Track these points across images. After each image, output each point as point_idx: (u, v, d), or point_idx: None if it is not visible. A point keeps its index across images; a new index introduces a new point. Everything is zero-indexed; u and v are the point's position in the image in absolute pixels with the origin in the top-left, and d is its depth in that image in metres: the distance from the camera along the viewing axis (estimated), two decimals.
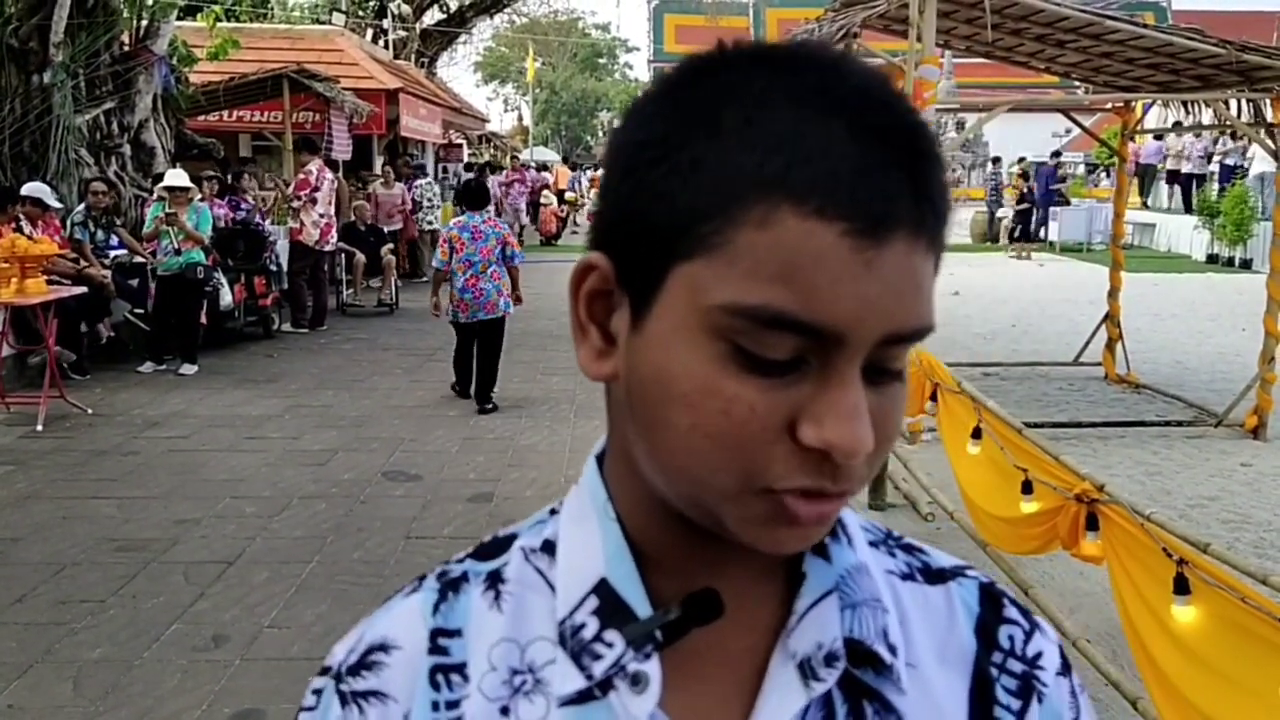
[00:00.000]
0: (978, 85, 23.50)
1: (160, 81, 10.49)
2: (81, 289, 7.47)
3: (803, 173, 0.48)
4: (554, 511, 0.64)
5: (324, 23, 20.27)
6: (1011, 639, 0.63)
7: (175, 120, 11.09)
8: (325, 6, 24.34)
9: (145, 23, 10.48)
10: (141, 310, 8.66)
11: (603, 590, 0.57)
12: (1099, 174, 26.13)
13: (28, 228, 7.57)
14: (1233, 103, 6.76)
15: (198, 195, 8.73)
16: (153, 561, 4.38)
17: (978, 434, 3.72)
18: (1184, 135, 18.07)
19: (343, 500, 5.22)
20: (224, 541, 4.62)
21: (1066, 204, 20.49)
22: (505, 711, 0.57)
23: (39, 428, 6.39)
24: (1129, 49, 6.65)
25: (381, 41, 21.00)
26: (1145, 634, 2.45)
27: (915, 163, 0.50)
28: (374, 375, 8.32)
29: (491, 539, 0.65)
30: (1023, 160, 22.01)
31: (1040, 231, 20.15)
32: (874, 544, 0.65)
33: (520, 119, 48.73)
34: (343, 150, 12.82)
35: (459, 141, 21.61)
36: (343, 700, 0.60)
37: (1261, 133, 6.68)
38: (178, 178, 8.40)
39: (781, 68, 0.51)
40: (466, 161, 21.29)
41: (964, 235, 21.59)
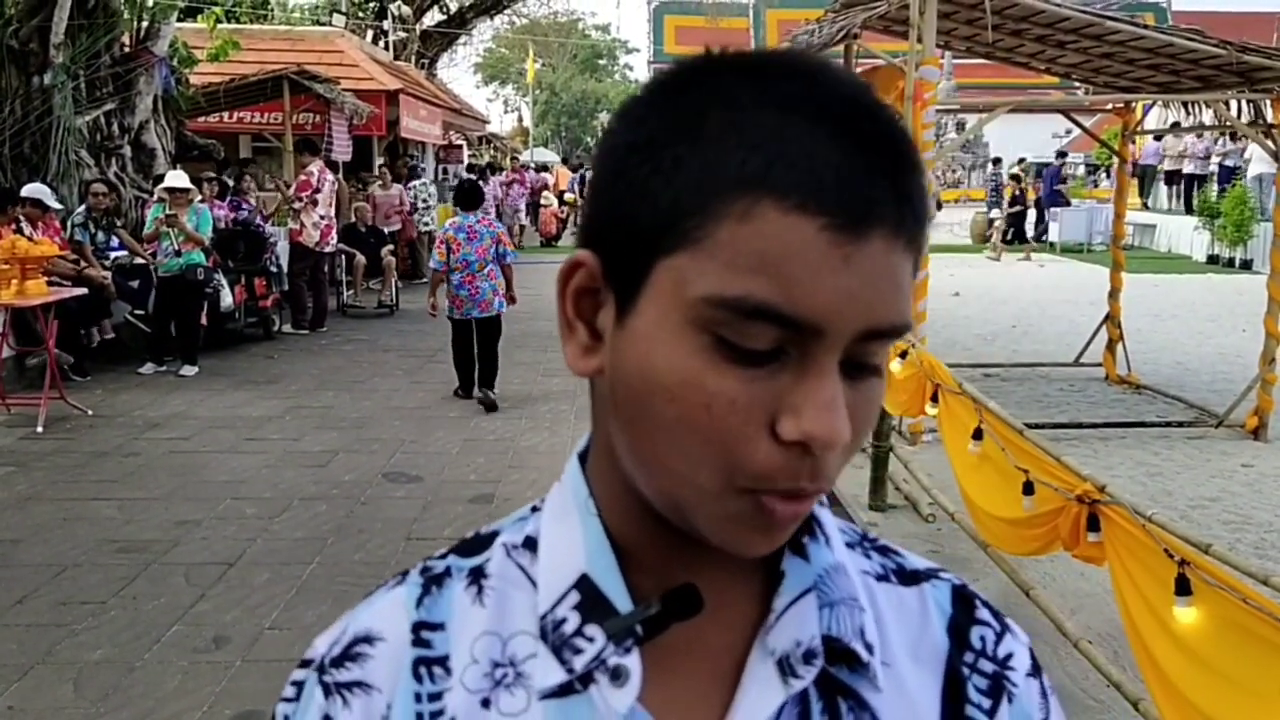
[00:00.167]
0: (978, 86, 23.52)
1: (161, 83, 10.50)
2: (82, 290, 7.47)
3: (785, 171, 0.49)
4: (535, 509, 0.65)
5: (324, 24, 20.29)
6: (983, 639, 0.64)
7: (176, 121, 11.10)
8: (325, 8, 24.37)
9: (146, 24, 10.49)
10: (142, 312, 8.66)
11: (584, 585, 0.58)
12: (1099, 174, 26.14)
13: (28, 229, 7.58)
14: (1233, 103, 6.76)
15: (198, 197, 8.73)
16: (153, 563, 4.38)
17: (979, 435, 3.71)
18: (1186, 136, 18.07)
19: (343, 501, 5.22)
20: (225, 543, 4.62)
21: (1068, 204, 20.49)
22: (486, 704, 0.58)
23: (39, 429, 6.40)
24: (1129, 50, 6.65)
25: (382, 43, 21.01)
26: (1147, 635, 2.45)
27: (897, 168, 0.51)
28: (374, 376, 8.33)
29: (474, 535, 0.66)
30: (1023, 161, 22.01)
31: (1044, 232, 20.18)
32: (850, 545, 0.66)
33: (520, 120, 48.77)
34: (343, 151, 12.82)
35: (459, 143, 21.61)
36: (326, 691, 0.61)
37: (1262, 134, 6.69)
38: (178, 179, 8.40)
39: (768, 74, 0.52)
40: (468, 163, 21.31)
41: (964, 236, 21.60)
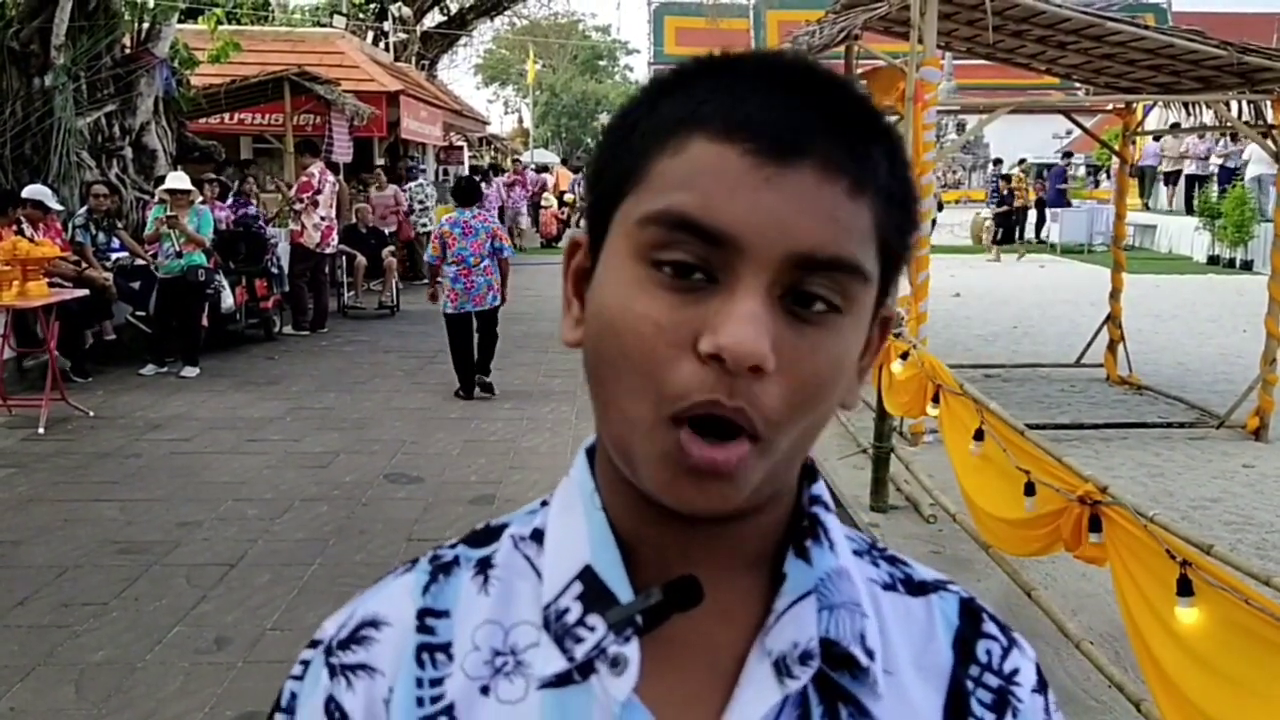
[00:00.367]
0: (978, 87, 23.48)
1: (161, 84, 10.50)
2: (83, 291, 7.47)
3: (714, 110, 0.54)
4: (545, 503, 0.66)
5: (325, 25, 20.28)
6: (989, 653, 0.64)
7: (176, 123, 11.10)
8: (326, 9, 24.37)
9: (147, 25, 10.50)
10: (143, 313, 8.66)
11: (587, 576, 0.59)
12: (1099, 175, 26.13)
13: (29, 230, 7.58)
14: (1233, 104, 6.76)
15: (199, 198, 8.74)
16: (155, 564, 4.38)
17: (980, 435, 3.71)
18: (1187, 137, 18.06)
19: (344, 502, 5.22)
20: (226, 544, 4.62)
21: (1069, 205, 20.49)
22: (485, 690, 0.59)
23: (40, 430, 6.39)
24: (1130, 51, 6.65)
25: (382, 44, 21.01)
26: (1149, 635, 2.45)
27: (834, 112, 0.54)
28: (375, 377, 8.33)
29: (484, 527, 0.67)
30: (1023, 162, 22.00)
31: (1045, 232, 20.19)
32: (858, 553, 0.66)
33: (521, 121, 48.72)
34: (343, 153, 12.83)
35: (459, 144, 21.62)
36: (331, 672, 0.62)
37: (1261, 135, 6.69)
38: (179, 180, 8.40)
39: (729, 60, 0.57)
40: (470, 164, 21.30)
41: (964, 237, 21.59)
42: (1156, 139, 19.25)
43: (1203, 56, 6.29)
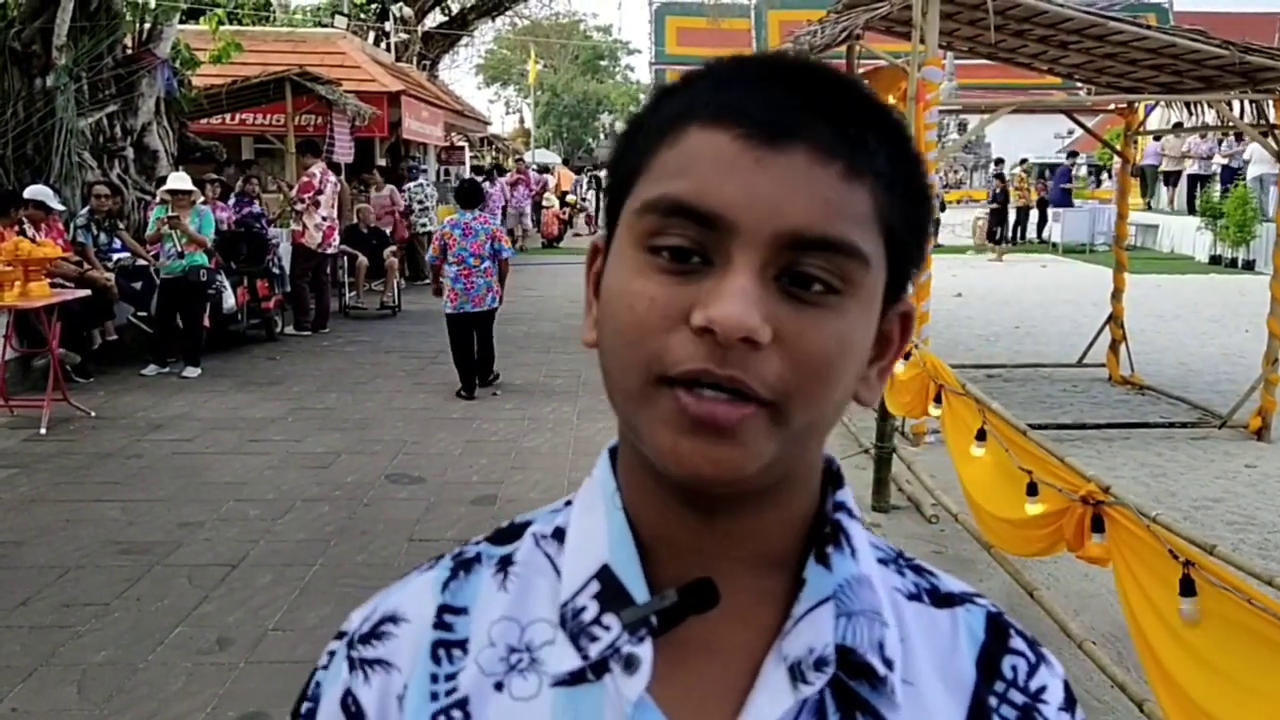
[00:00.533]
0: (980, 86, 23.46)
1: (163, 84, 10.51)
2: (84, 292, 7.48)
3: (708, 102, 0.56)
4: (569, 502, 0.67)
5: (326, 26, 20.28)
6: (1015, 669, 0.63)
7: (178, 123, 11.11)
8: (327, 9, 24.36)
9: (148, 26, 10.51)
10: (144, 313, 8.67)
11: (604, 575, 0.60)
12: (1101, 175, 26.11)
13: (31, 231, 7.58)
14: (1235, 104, 6.75)
15: (200, 198, 8.74)
16: (156, 564, 4.38)
17: (982, 436, 3.70)
18: (1189, 136, 18.06)
19: (346, 503, 5.22)
20: (227, 544, 4.62)
21: (1073, 205, 20.48)
22: (499, 686, 0.59)
23: (42, 431, 6.40)
24: (1132, 50, 6.65)
25: (383, 44, 21.00)
26: (1151, 636, 2.44)
27: (822, 95, 0.55)
28: (376, 378, 8.33)
29: (509, 525, 0.68)
30: (1025, 162, 21.98)
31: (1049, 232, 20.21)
32: (883, 561, 0.65)
33: (522, 121, 48.73)
34: (345, 153, 12.82)
35: (461, 144, 21.62)
36: (351, 665, 0.63)
37: (1263, 135, 6.68)
38: (180, 181, 8.40)
39: (732, 63, 0.59)
40: (472, 165, 21.30)
41: (966, 237, 21.57)
42: (1158, 139, 19.24)
43: (1205, 56, 6.28)
